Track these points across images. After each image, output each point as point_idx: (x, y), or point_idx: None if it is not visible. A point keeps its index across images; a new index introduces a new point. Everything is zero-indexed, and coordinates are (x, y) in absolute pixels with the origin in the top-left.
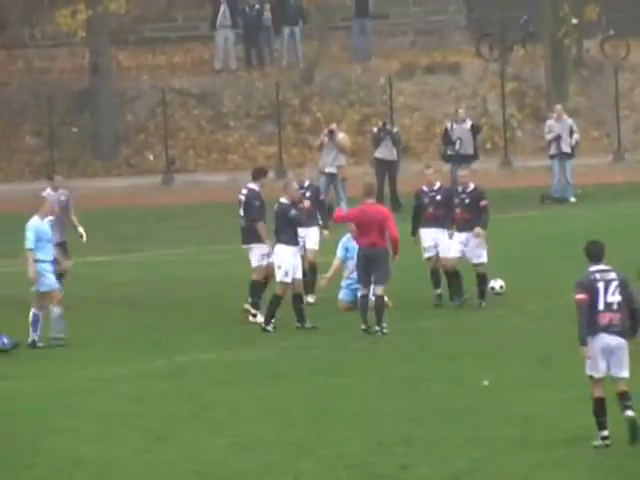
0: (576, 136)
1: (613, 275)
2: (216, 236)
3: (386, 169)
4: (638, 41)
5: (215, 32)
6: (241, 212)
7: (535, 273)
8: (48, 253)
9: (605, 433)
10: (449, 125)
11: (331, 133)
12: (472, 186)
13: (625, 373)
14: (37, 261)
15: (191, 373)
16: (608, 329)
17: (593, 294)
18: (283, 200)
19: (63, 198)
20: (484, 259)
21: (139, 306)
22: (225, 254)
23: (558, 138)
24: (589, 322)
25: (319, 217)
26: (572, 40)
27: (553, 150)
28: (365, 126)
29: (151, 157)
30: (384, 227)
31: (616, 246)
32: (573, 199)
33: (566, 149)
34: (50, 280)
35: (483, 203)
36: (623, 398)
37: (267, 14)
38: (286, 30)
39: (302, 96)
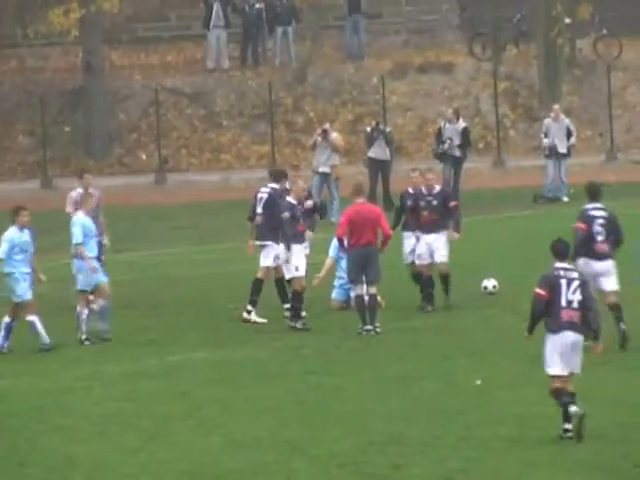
0: (573, 140)
1: (575, 274)
2: (209, 236)
3: (379, 169)
4: (631, 40)
5: (208, 32)
6: (259, 209)
7: (528, 272)
8: (92, 249)
9: (568, 426)
10: (442, 124)
11: (324, 133)
12: (437, 188)
13: (577, 369)
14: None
15: (184, 372)
16: (571, 326)
17: (556, 291)
18: (289, 199)
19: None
20: (447, 258)
21: (132, 306)
22: (217, 253)
23: (554, 146)
24: (550, 318)
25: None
26: (565, 39)
27: (548, 151)
28: (358, 125)
29: (144, 156)
30: (377, 226)
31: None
32: (566, 198)
33: (562, 150)
34: (94, 278)
35: (453, 204)
36: (570, 395)
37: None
38: (279, 30)
39: (295, 95)
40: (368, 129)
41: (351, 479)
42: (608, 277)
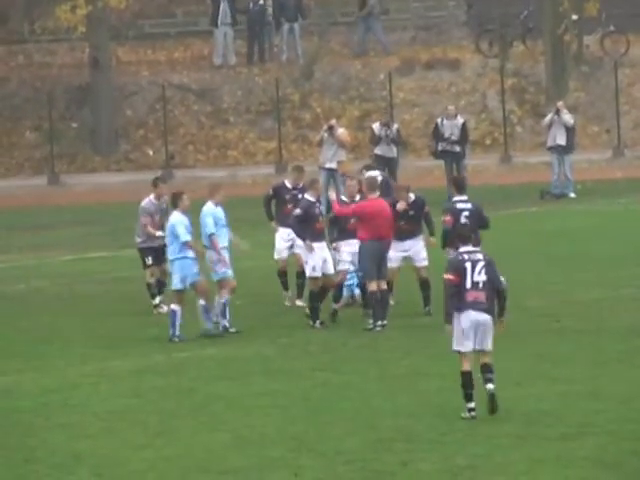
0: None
1: (480, 256)
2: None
3: (386, 166)
4: (638, 37)
5: (216, 29)
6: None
7: (535, 269)
8: (224, 239)
9: (472, 405)
10: (439, 121)
11: (331, 129)
12: (412, 197)
13: (489, 347)
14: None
15: (190, 369)
16: (474, 306)
17: (461, 273)
18: (308, 197)
19: (164, 206)
20: (427, 262)
21: (139, 301)
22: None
23: (553, 128)
24: (458, 300)
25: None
26: (572, 36)
27: (550, 142)
28: (365, 122)
29: (150, 152)
30: (392, 221)
31: (616, 242)
32: (573, 195)
33: (561, 141)
34: (223, 269)
35: (427, 209)
36: (485, 370)
37: (269, 10)
38: (285, 26)
39: (302, 92)
40: (375, 127)
41: (358, 476)
42: None
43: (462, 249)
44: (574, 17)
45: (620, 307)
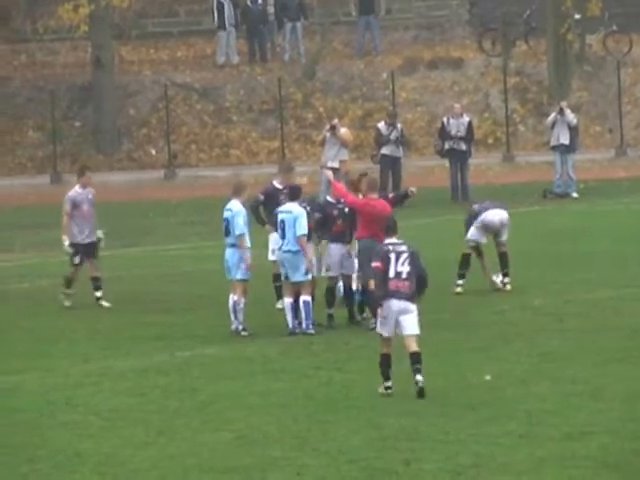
0: (574, 121)
1: (404, 248)
2: (218, 231)
3: (392, 166)
4: None
5: (222, 31)
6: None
7: (538, 268)
8: (248, 240)
9: (388, 384)
10: (445, 120)
11: (333, 128)
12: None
13: (413, 331)
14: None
15: (193, 368)
16: (397, 295)
17: (385, 263)
18: (328, 198)
19: (91, 197)
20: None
21: (141, 301)
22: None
23: (556, 127)
24: (383, 288)
25: None
26: (575, 35)
27: (554, 141)
28: (368, 121)
29: (153, 152)
30: None
31: (618, 241)
32: (575, 194)
33: (564, 141)
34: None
35: (390, 195)
36: (414, 360)
37: (270, 9)
38: (288, 25)
39: (304, 91)
40: (381, 126)
41: (361, 474)
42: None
43: (387, 240)
44: (577, 16)
45: (623, 307)
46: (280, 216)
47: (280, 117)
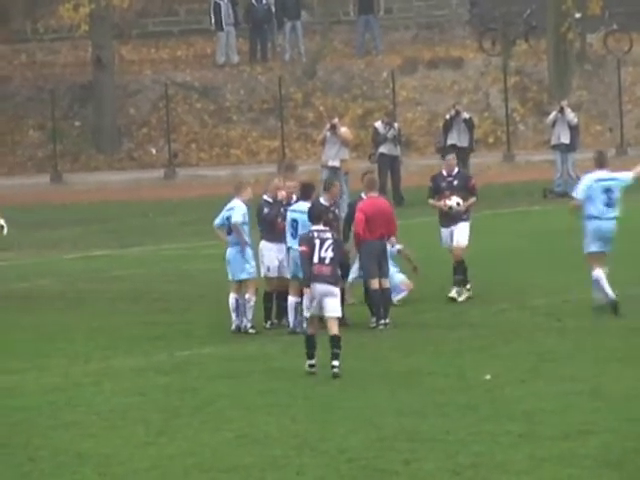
0: (575, 120)
1: (329, 235)
2: None
3: (390, 164)
4: None
5: (221, 32)
6: None
7: (538, 268)
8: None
9: (312, 362)
10: (449, 117)
11: (333, 128)
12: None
13: (334, 313)
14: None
15: (193, 367)
16: (319, 279)
17: (311, 248)
18: (322, 201)
19: None
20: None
21: (141, 300)
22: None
23: (556, 126)
24: (308, 272)
25: None
26: (575, 34)
27: (554, 140)
28: (368, 120)
29: (153, 151)
30: (390, 221)
31: (618, 241)
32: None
33: (565, 140)
34: (252, 268)
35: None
36: (333, 344)
37: (273, 8)
38: (288, 24)
39: (304, 90)
40: (378, 125)
41: (361, 474)
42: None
43: (313, 227)
44: (577, 15)
45: (622, 306)
46: (292, 215)
47: (280, 116)
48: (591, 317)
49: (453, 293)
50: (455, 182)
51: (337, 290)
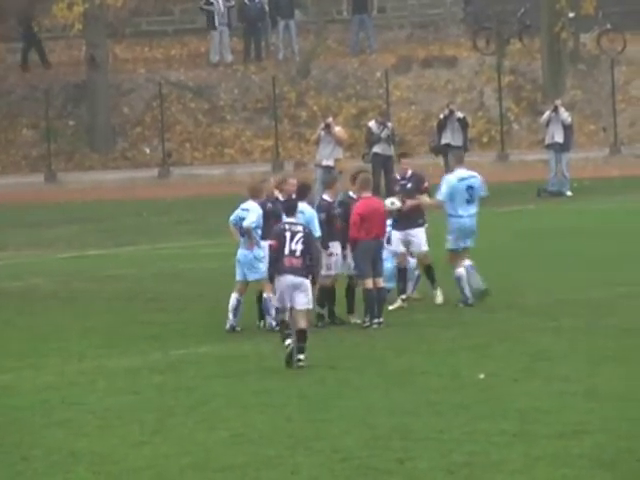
0: (569, 119)
1: (300, 228)
2: (212, 230)
3: (383, 164)
4: (635, 35)
5: (213, 31)
6: None
7: (531, 267)
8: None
9: (288, 342)
10: (442, 116)
11: (328, 127)
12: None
13: (303, 306)
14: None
15: (188, 366)
16: (290, 270)
17: (281, 241)
18: (326, 197)
19: None
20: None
21: (135, 300)
22: (221, 247)
23: (551, 126)
24: (278, 264)
25: None
26: (569, 34)
27: (548, 140)
28: (362, 120)
29: (147, 150)
30: (385, 220)
31: (612, 240)
32: (569, 193)
33: (559, 139)
34: (262, 269)
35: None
36: (299, 338)
37: (266, 7)
38: (281, 23)
39: (298, 90)
40: (372, 125)
41: (355, 473)
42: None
43: (285, 220)
44: (571, 15)
45: (616, 305)
46: None
47: (274, 116)
48: (585, 317)
49: (438, 298)
50: (408, 185)
51: (307, 283)
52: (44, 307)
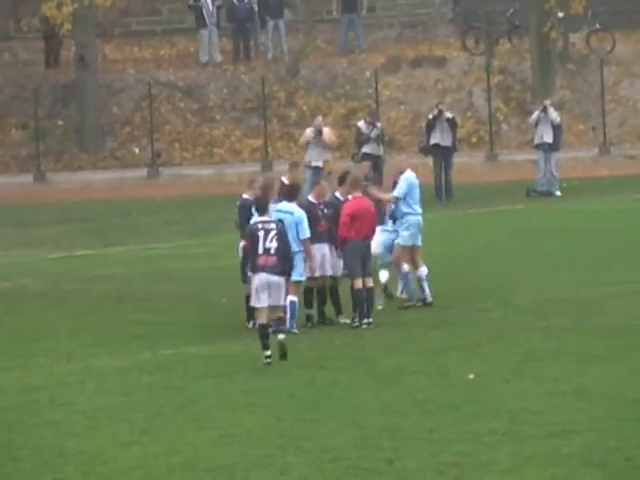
0: (558, 119)
1: (273, 226)
2: (201, 230)
3: (373, 164)
4: (624, 35)
5: (202, 30)
6: None
7: (520, 267)
8: None
9: (268, 353)
10: (431, 116)
11: (319, 133)
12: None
13: (279, 302)
14: None
15: (177, 366)
16: (265, 269)
17: (255, 240)
18: (310, 198)
19: None
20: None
21: (124, 300)
22: (210, 247)
23: (540, 126)
24: (252, 263)
25: None
26: (558, 33)
27: (537, 140)
28: (351, 119)
29: (137, 150)
30: (375, 220)
31: (601, 240)
32: (558, 193)
33: (548, 139)
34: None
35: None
36: (277, 323)
37: (255, 7)
38: (270, 23)
39: (288, 89)
40: (361, 125)
41: (345, 473)
42: None
43: (258, 219)
44: (560, 15)
45: (605, 305)
46: (278, 215)
47: (263, 115)
48: (574, 316)
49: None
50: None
51: (282, 280)
52: (33, 307)
